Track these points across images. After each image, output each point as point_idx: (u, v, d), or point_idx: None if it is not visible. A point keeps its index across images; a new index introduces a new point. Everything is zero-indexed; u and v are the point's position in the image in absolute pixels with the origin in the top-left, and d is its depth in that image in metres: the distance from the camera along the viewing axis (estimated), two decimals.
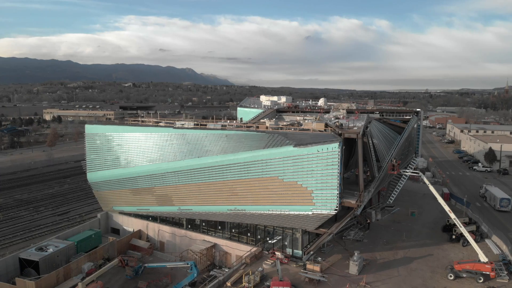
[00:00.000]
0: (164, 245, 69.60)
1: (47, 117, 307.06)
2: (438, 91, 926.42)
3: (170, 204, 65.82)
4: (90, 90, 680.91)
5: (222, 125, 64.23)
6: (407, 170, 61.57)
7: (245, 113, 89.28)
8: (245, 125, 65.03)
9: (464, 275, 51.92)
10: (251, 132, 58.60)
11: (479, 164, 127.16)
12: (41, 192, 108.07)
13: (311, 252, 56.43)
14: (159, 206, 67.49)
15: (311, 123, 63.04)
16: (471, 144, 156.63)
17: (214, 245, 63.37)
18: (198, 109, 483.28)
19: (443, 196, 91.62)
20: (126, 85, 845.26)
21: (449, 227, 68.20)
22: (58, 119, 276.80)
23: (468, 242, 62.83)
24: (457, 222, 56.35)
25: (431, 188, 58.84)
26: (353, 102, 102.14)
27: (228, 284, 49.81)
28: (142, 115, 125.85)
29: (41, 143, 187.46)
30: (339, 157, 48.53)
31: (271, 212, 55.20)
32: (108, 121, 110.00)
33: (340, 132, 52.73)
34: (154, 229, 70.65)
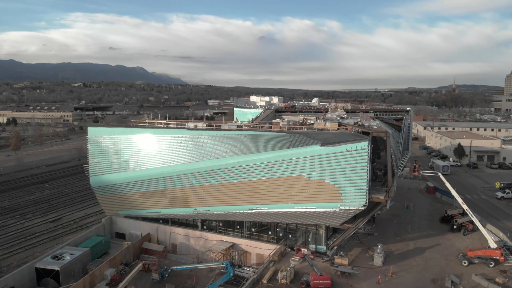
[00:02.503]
0: (176, 248, 69.10)
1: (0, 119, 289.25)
2: (387, 90, 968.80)
3: (185, 205, 65.49)
4: (38, 91, 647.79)
5: (238, 126, 64.99)
6: (426, 171, 65.48)
7: (243, 114, 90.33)
8: (259, 125, 66.17)
9: (476, 261, 56.27)
10: (271, 133, 59.81)
11: (450, 159, 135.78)
12: (22, 199, 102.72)
13: (335, 247, 58.60)
14: (173, 208, 66.92)
15: (323, 123, 65.37)
16: (436, 140, 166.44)
17: (233, 245, 63.95)
18: (157, 109, 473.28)
19: (428, 189, 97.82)
20: (76, 85, 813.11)
21: (447, 218, 73.16)
22: (13, 122, 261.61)
23: (468, 231, 68.22)
24: (469, 212, 60.81)
25: (448, 185, 63.40)
26: (348, 102, 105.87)
27: (264, 281, 50.86)
28: (151, 116, 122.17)
29: (3, 147, 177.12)
30: (368, 155, 50.98)
31: (296, 210, 56.73)
32: (113, 123, 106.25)
33: (367, 131, 55.16)
34: (165, 232, 69.90)
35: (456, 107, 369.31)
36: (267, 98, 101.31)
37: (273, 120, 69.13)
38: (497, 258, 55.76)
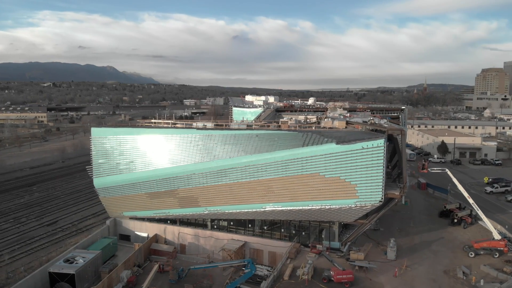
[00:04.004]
0: (185, 248, 68.89)
1: None
2: (358, 90, 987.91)
3: (196, 205, 65.36)
4: (6, 91, 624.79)
5: (247, 125, 65.46)
6: (434, 168, 67.81)
7: (242, 113, 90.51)
8: (266, 124, 66.87)
9: (482, 252, 58.91)
10: (283, 131, 60.56)
11: (435, 156, 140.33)
12: (12, 202, 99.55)
13: (349, 243, 59.99)
14: (182, 208, 66.66)
15: (330, 122, 66.69)
16: (418, 138, 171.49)
17: (244, 243, 64.35)
18: (133, 109, 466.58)
19: (420, 186, 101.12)
20: (46, 85, 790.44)
21: (446, 213, 76.03)
22: None
23: (468, 224, 71.16)
24: (475, 206, 63.60)
25: (455, 180, 66.07)
26: (345, 101, 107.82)
27: (285, 278, 51.62)
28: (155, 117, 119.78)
29: None
30: (384, 152, 52.52)
31: (310, 207, 57.70)
32: (117, 124, 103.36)
33: (379, 129, 56.70)
34: (173, 232, 69.56)
35: (430, 106, 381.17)
36: (263, 98, 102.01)
37: (281, 120, 69.80)
38: (501, 249, 58.57)
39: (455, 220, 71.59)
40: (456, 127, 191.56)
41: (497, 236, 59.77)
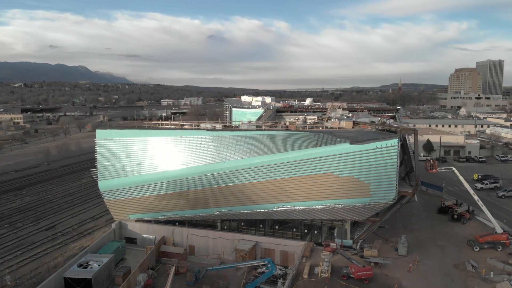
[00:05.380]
0: (194, 249, 68.82)
1: None
2: (333, 89, 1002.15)
3: (206, 206, 65.46)
4: None
5: (257, 126, 66.03)
6: (442, 168, 70.16)
7: (243, 114, 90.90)
8: (273, 125, 67.75)
9: (486, 246, 61.49)
10: (295, 132, 61.43)
11: (421, 154, 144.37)
12: (4, 207, 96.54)
13: (360, 240, 61.44)
14: (192, 210, 66.60)
15: (337, 122, 68.12)
16: None
17: (256, 243, 64.88)
18: (111, 109, 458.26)
19: None
20: (17, 85, 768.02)
21: (444, 209, 78.80)
22: None
23: (467, 220, 73.98)
24: (480, 203, 66.34)
25: (461, 178, 68.74)
26: (343, 102, 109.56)
27: (305, 276, 52.50)
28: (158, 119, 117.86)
29: None
30: (398, 151, 54.12)
31: (323, 206, 58.79)
32: (124, 126, 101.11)
33: (389, 128, 58.30)
34: (181, 234, 69.36)
35: (407, 105, 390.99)
36: (259, 98, 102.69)
37: (289, 121, 70.69)
38: (503, 242, 61.34)
39: (455, 216, 74.28)
40: (436, 126, 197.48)
41: (499, 229, 62.51)
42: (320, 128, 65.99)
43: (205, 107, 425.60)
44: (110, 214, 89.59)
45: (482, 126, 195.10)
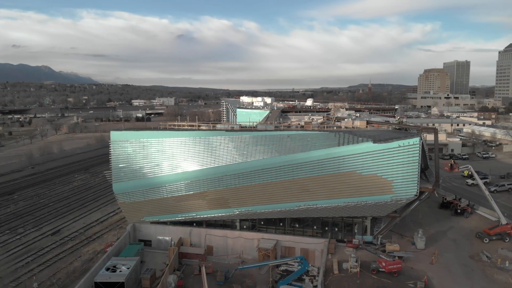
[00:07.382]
0: (212, 249, 69.04)
1: None
2: (302, 90, 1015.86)
3: (226, 206, 65.91)
4: None
5: (275, 126, 67.16)
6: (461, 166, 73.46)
7: (247, 114, 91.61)
8: (289, 125, 69.08)
9: (494, 238, 65.12)
10: (315, 132, 62.99)
11: None
12: None
13: (380, 236, 63.65)
14: (211, 210, 66.86)
15: (351, 121, 70.26)
16: None
17: (276, 242, 65.90)
18: (82, 110, 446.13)
19: None
20: None
21: (446, 204, 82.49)
22: None
23: (470, 214, 77.78)
24: (490, 198, 69.78)
25: (476, 177, 72.16)
26: (344, 102, 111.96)
27: (336, 272, 54.07)
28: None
29: None
30: (420, 149, 56.62)
31: (346, 204, 60.58)
32: (139, 127, 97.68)
33: (410, 128, 60.79)
34: (199, 234, 69.37)
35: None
36: (259, 99, 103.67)
37: (305, 121, 72.17)
38: (508, 232, 65.19)
39: (458, 211, 77.97)
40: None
41: (503, 220, 66.36)
42: (335, 128, 67.80)
43: (181, 107, 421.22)
44: (114, 217, 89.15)
45: (458, 125, 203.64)
